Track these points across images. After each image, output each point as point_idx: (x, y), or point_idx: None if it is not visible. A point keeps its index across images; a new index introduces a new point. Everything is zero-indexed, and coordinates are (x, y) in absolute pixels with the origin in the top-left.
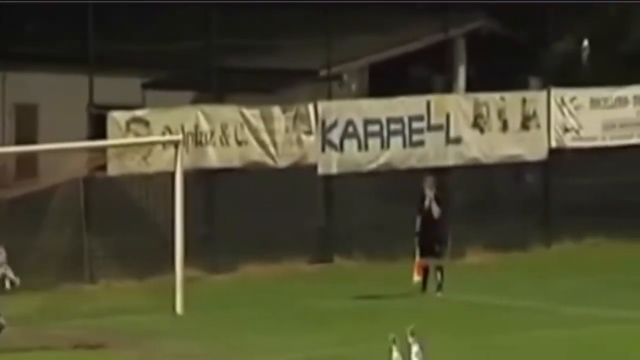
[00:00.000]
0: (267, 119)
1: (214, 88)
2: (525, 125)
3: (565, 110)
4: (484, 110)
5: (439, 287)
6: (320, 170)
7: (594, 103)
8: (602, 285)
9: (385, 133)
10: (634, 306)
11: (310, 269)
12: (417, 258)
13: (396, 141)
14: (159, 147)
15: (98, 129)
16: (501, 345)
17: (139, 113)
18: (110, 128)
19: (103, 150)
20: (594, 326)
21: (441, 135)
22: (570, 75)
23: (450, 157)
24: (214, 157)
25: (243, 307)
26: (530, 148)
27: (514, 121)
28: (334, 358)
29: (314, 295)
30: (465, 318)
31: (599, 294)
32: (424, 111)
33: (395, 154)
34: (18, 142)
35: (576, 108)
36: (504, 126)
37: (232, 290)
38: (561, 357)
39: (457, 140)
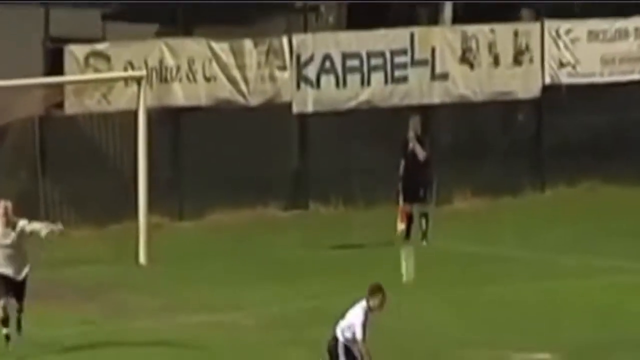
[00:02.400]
0: (237, 54)
1: (180, 20)
2: (517, 60)
3: (560, 43)
4: (472, 44)
5: (424, 235)
6: (295, 109)
7: (592, 36)
8: (598, 233)
9: (365, 68)
10: (632, 255)
11: (283, 216)
12: (401, 204)
13: (377, 77)
14: (121, 84)
15: (54, 64)
16: (491, 299)
17: (98, 47)
18: (67, 63)
19: (60, 87)
20: (590, 277)
21: (426, 70)
22: (566, 5)
23: (436, 95)
24: (180, 95)
25: (211, 258)
26: (523, 85)
27: (505, 55)
28: (310, 312)
29: (287, 245)
30: (452, 269)
31: (595, 243)
32: (407, 45)
33: (377, 91)
34: None
35: (572, 41)
36: (495, 61)
37: (199, 238)
38: (554, 310)
39: (444, 77)
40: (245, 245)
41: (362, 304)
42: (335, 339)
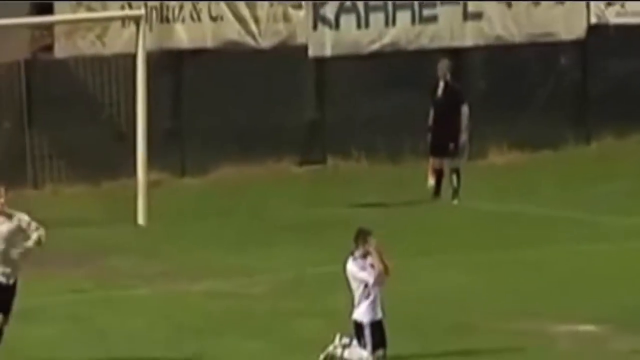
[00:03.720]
0: None
1: None
2: None
3: None
4: None
5: (455, 193)
6: (311, 52)
7: None
8: None
9: (389, 7)
10: None
11: (298, 172)
12: (430, 158)
13: (403, 17)
14: (117, 25)
15: (43, 3)
16: (527, 262)
17: None
18: (57, 1)
19: (49, 27)
20: (638, 239)
21: (458, 9)
22: None
23: (469, 36)
24: (182, 36)
25: (217, 218)
26: (566, 25)
27: None
28: (327, 279)
29: (302, 204)
30: (485, 230)
31: None
32: None
33: (402, 32)
34: None
35: None
36: None
37: (203, 197)
38: (598, 276)
39: (478, 16)
40: (254, 204)
41: (349, 259)
42: (355, 322)
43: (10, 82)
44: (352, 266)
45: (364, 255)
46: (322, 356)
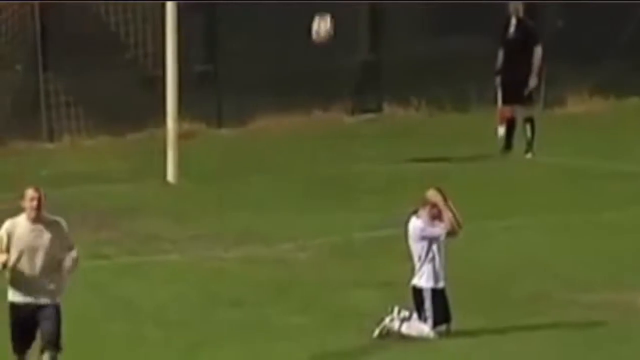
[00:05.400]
0: None
1: None
2: None
3: None
4: None
5: (529, 145)
6: None
7: None
8: None
9: None
10: None
11: (349, 122)
12: (499, 105)
13: None
14: None
15: None
16: (610, 225)
17: None
18: None
19: None
20: None
21: None
22: None
23: None
24: None
25: (255, 175)
26: None
27: None
28: (381, 243)
29: (353, 158)
30: (562, 189)
31: None
32: None
33: None
34: None
35: None
36: None
37: (240, 150)
38: None
39: None
40: (298, 159)
41: (413, 218)
42: (415, 289)
43: (23, 21)
44: (417, 223)
45: (431, 215)
46: (376, 331)
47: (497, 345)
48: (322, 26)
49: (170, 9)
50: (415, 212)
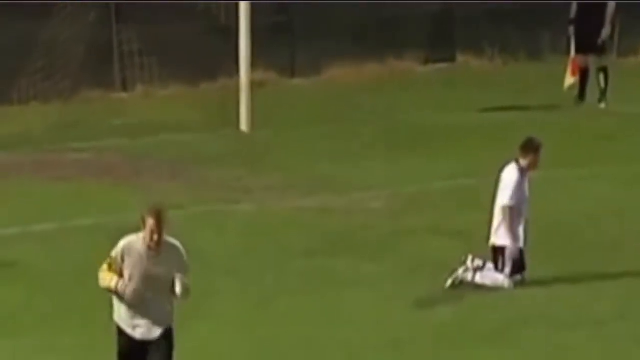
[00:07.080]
0: None
1: None
2: None
3: None
4: None
5: (602, 95)
6: None
7: None
8: None
9: None
10: None
11: (422, 71)
12: (572, 54)
13: None
14: None
15: None
16: None
17: None
18: None
19: None
20: None
21: None
22: None
23: None
24: None
25: (330, 124)
26: None
27: None
28: (456, 193)
29: (427, 108)
30: (636, 138)
31: None
32: None
33: None
34: None
35: None
36: None
37: (314, 99)
38: None
39: None
40: (372, 108)
41: (512, 165)
42: (494, 248)
43: None
44: (514, 171)
45: (530, 167)
46: (449, 281)
47: (571, 297)
48: None
49: None
50: (517, 161)
